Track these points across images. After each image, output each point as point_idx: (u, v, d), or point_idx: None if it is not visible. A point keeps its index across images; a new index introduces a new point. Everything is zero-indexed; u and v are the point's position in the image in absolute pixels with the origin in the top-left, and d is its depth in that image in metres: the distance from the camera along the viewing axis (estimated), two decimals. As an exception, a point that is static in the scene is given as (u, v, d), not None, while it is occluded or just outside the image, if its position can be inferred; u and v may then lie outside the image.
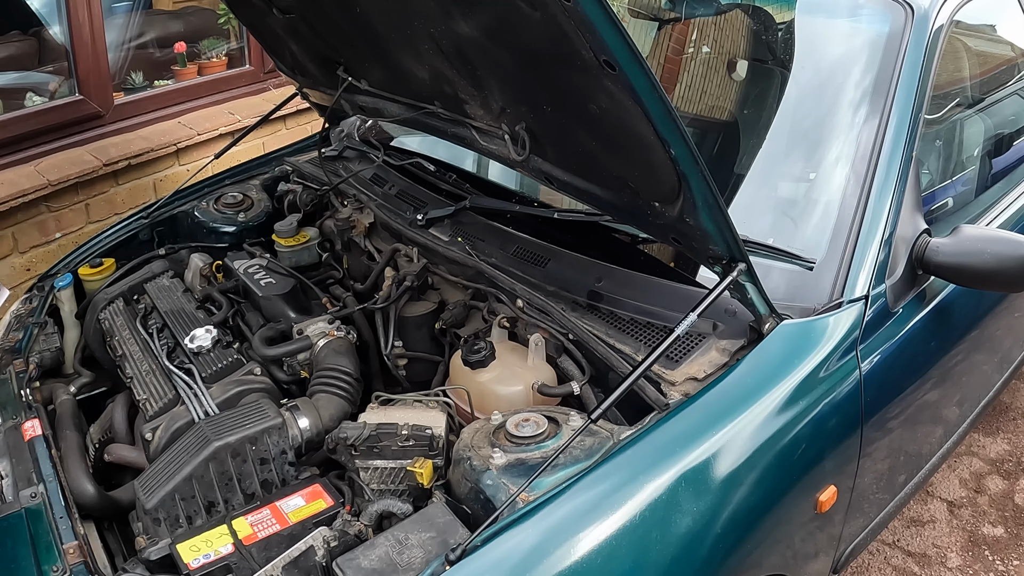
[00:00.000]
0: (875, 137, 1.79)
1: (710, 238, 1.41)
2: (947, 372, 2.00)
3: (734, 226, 1.37)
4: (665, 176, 1.34)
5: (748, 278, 1.45)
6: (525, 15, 1.28)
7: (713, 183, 1.30)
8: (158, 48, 3.95)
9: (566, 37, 1.22)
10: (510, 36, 1.41)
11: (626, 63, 1.17)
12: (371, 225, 2.24)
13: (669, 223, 1.45)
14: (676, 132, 1.25)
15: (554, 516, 1.24)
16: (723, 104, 2.35)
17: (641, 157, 1.36)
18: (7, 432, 1.69)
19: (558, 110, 1.51)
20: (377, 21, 1.76)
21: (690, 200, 1.35)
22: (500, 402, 1.61)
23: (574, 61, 1.26)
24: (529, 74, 1.48)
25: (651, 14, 2.68)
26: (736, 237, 1.38)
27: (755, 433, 1.43)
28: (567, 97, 1.42)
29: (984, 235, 1.74)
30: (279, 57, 2.50)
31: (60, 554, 1.37)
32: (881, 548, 2.60)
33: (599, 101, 1.33)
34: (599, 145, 1.47)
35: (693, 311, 1.41)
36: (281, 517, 1.39)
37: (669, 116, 1.23)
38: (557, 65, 1.33)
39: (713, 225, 1.38)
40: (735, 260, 1.43)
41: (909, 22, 1.92)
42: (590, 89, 1.31)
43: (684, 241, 1.51)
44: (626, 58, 1.17)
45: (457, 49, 1.58)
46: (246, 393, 1.71)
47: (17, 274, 3.09)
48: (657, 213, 1.46)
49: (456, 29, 1.50)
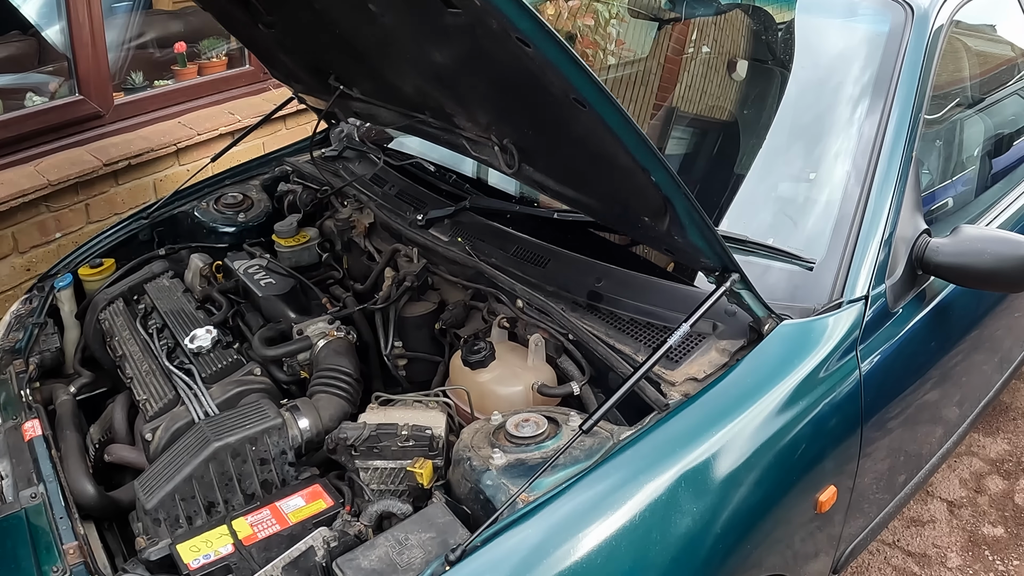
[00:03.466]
0: (875, 137, 1.78)
1: (700, 252, 1.44)
2: (947, 372, 2.00)
3: (723, 240, 1.39)
4: (650, 197, 1.37)
5: (743, 286, 1.47)
6: (492, 53, 1.29)
7: (697, 204, 1.32)
8: (158, 48, 3.94)
9: (534, 75, 1.24)
10: (483, 67, 1.43)
11: (595, 101, 1.19)
12: (371, 225, 2.24)
13: (660, 236, 1.47)
14: (654, 160, 1.26)
15: (554, 516, 1.24)
16: (723, 104, 2.35)
17: (625, 179, 1.38)
18: (7, 432, 1.69)
19: (540, 133, 1.53)
20: (357, 42, 1.77)
21: (676, 219, 1.37)
22: (500, 402, 1.61)
23: (546, 95, 1.28)
24: (508, 99, 1.50)
25: (651, 14, 2.68)
26: (726, 249, 1.40)
27: (755, 433, 1.43)
28: (546, 124, 1.45)
29: (984, 235, 1.73)
30: (272, 66, 2.50)
31: (60, 554, 1.37)
32: (881, 548, 2.60)
33: (576, 130, 1.34)
34: (584, 164, 1.49)
35: (686, 321, 1.42)
36: (281, 517, 1.39)
37: (646, 147, 1.25)
38: (532, 94, 1.34)
39: (702, 240, 1.40)
40: (728, 270, 1.44)
41: (909, 22, 1.92)
42: (565, 120, 1.33)
43: (676, 252, 1.54)
44: (595, 96, 1.18)
45: (435, 73, 1.60)
46: (246, 393, 1.72)
47: (17, 274, 3.09)
48: (647, 226, 1.48)
49: (430, 57, 1.51)
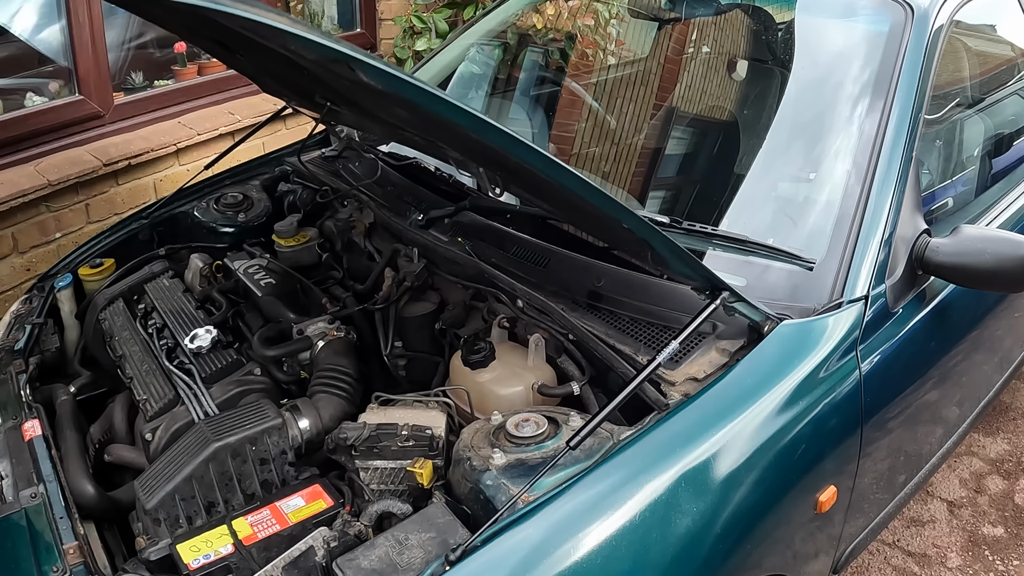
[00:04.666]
0: (875, 137, 1.78)
1: (687, 277, 1.48)
2: (947, 372, 2.00)
3: (704, 267, 1.43)
4: (628, 237, 1.40)
5: (734, 299, 1.48)
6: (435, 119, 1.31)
7: (671, 240, 1.34)
8: (158, 48, 3.94)
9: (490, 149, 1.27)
10: (440, 134, 1.48)
11: (553, 173, 1.21)
12: (371, 225, 2.24)
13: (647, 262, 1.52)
14: (623, 211, 1.29)
15: (554, 516, 1.24)
16: (723, 104, 2.35)
17: (600, 222, 1.42)
18: (7, 432, 1.69)
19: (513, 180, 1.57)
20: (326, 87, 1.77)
21: (656, 255, 1.42)
22: (500, 402, 1.61)
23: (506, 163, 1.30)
24: (473, 151, 1.52)
25: (651, 14, 2.68)
26: (710, 273, 1.44)
27: (755, 433, 1.44)
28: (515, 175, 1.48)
29: (984, 235, 1.73)
30: (260, 85, 2.49)
31: (60, 554, 1.37)
32: (881, 548, 2.60)
33: (543, 185, 1.37)
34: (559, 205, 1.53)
35: (675, 338, 1.44)
36: (281, 517, 1.39)
37: (610, 201, 1.27)
38: (493, 155, 1.37)
39: (687, 268, 1.44)
40: (718, 289, 1.47)
41: (909, 22, 1.92)
42: (531, 178, 1.35)
43: (667, 273, 1.59)
44: (550, 169, 1.20)
45: (401, 120, 1.61)
46: (246, 393, 1.72)
47: (17, 274, 3.08)
48: (635, 253, 1.52)
49: (390, 111, 1.54)
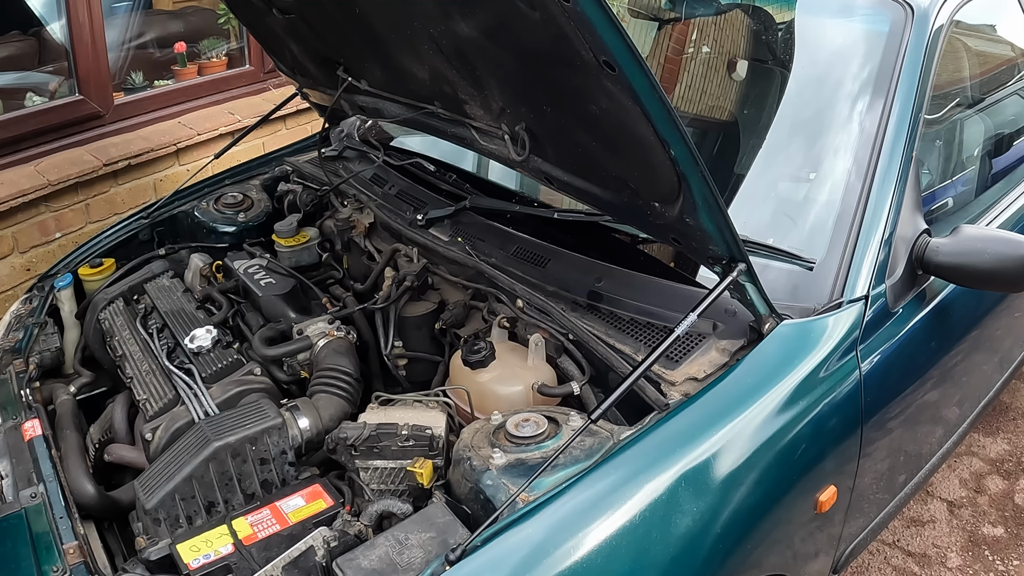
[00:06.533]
0: (875, 137, 1.78)
1: (710, 238, 1.41)
2: (947, 372, 2.00)
3: (734, 226, 1.37)
4: (665, 176, 1.34)
5: (748, 278, 1.45)
6: (524, 15, 1.28)
7: (713, 183, 1.30)
8: (158, 48, 3.94)
9: (565, 38, 1.22)
10: (509, 36, 1.41)
11: (626, 64, 1.17)
12: (371, 225, 2.24)
13: (669, 223, 1.45)
14: (676, 132, 1.25)
15: (554, 516, 1.24)
16: (723, 104, 2.35)
17: (641, 157, 1.36)
18: (7, 432, 1.69)
19: (558, 110, 1.51)
20: (376, 21, 1.76)
21: (690, 200, 1.35)
22: (500, 402, 1.61)
23: (574, 61, 1.26)
24: (529, 74, 1.48)
25: (651, 14, 2.68)
26: (736, 237, 1.38)
27: (755, 433, 1.43)
28: (567, 97, 1.42)
29: (984, 235, 1.74)
30: (279, 57, 2.51)
31: (60, 554, 1.37)
32: (881, 548, 2.59)
33: (599, 102, 1.32)
34: (599, 145, 1.47)
35: (693, 311, 1.41)
36: (281, 517, 1.39)
37: (669, 117, 1.23)
38: (557, 65, 1.33)
39: (713, 225, 1.38)
40: (735, 260, 1.43)
41: (909, 22, 1.92)
42: (590, 89, 1.31)
43: (684, 241, 1.51)
44: (626, 59, 1.17)
45: (457, 49, 1.58)
46: (246, 393, 1.72)
47: (17, 274, 3.09)
48: (657, 213, 1.46)
49: (455, 29, 1.50)
